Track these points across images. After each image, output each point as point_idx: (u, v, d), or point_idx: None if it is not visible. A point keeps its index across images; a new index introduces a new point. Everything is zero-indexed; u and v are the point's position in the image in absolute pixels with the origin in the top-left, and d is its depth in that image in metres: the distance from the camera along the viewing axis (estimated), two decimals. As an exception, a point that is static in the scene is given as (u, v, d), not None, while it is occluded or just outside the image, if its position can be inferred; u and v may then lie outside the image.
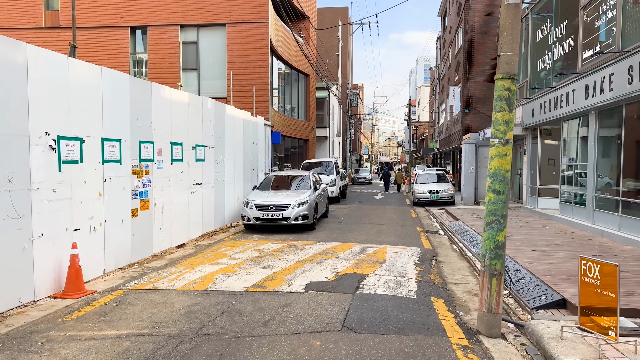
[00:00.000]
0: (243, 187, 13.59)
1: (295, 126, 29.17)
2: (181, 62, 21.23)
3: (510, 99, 4.53)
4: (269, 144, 17.28)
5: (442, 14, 33.97)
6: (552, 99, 13.01)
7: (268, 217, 11.30)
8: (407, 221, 14.36)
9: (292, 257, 8.23)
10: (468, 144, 20.10)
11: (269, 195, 11.95)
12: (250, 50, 20.62)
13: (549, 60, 14.01)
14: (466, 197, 20.06)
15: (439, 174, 21.83)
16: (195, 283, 6.64)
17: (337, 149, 46.23)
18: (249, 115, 14.13)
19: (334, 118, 42.50)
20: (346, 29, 47.74)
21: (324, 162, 22.00)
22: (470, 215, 14.14)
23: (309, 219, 11.68)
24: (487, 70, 22.46)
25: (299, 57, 28.31)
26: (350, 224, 13.28)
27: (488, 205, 4.66)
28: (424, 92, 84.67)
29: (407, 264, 7.86)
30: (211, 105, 11.26)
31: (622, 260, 7.37)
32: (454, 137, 25.74)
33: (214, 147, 11.44)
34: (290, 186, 13.10)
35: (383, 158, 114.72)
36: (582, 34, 11.56)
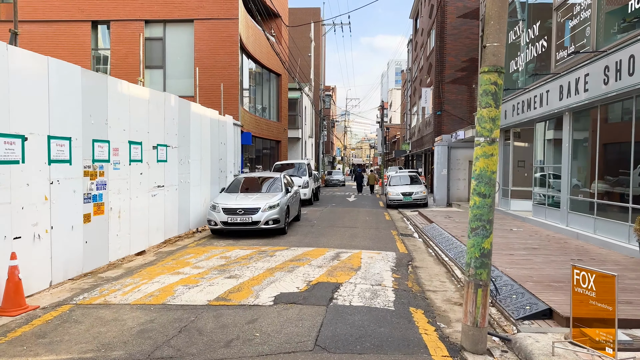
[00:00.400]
0: (210, 190, 12.93)
1: (267, 127, 28.54)
2: (146, 59, 20.28)
3: (497, 94, 4.16)
4: (239, 144, 16.64)
5: (413, 16, 34.05)
6: (525, 101, 12.93)
7: (236, 221, 10.70)
8: (381, 224, 14.01)
9: (261, 265, 7.68)
10: (440, 146, 20.00)
11: (237, 198, 11.35)
12: (219, 48, 19.92)
13: (522, 62, 13.96)
14: (439, 199, 19.94)
15: (411, 175, 21.67)
16: (152, 296, 6.02)
17: (310, 151, 45.78)
18: (217, 114, 13.49)
19: (306, 119, 42.04)
20: (319, 30, 47.41)
21: (296, 163, 21.51)
22: (444, 218, 13.91)
23: (280, 223, 11.15)
24: (458, 73, 22.48)
25: (271, 56, 27.72)
26: (324, 228, 12.82)
27: (473, 210, 4.27)
28: (396, 94, 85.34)
29: (383, 270, 7.44)
30: (175, 102, 10.59)
31: (601, 265, 7.18)
32: (426, 139, 25.70)
33: (178, 147, 10.77)
34: (260, 188, 12.53)
35: (356, 160, 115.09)
36: (555, 35, 11.49)
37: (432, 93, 23.33)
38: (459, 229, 11.42)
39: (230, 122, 14.76)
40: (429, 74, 24.89)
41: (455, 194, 20.17)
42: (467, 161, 20.07)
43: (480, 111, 4.23)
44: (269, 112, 30.19)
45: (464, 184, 20.16)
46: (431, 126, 23.79)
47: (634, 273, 6.56)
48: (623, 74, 7.98)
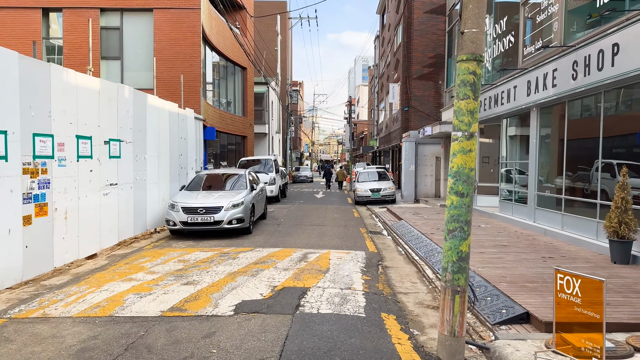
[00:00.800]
0: (169, 188, 12.23)
1: (232, 122, 27.76)
2: (102, 50, 19.18)
3: (475, 85, 3.83)
4: (201, 139, 15.94)
5: (380, 11, 33.94)
6: (492, 96, 12.87)
7: (197, 221, 10.10)
8: (349, 221, 13.70)
9: (222, 269, 7.16)
10: (408, 142, 19.90)
11: (198, 197, 10.73)
12: (180, 39, 19.05)
13: (489, 57, 13.92)
14: (407, 195, 19.85)
15: (380, 172, 21.50)
16: (99, 307, 5.42)
17: (277, 147, 45.12)
18: (176, 107, 12.78)
19: (273, 114, 41.34)
20: (285, 24, 46.70)
21: (262, 159, 20.94)
22: (412, 214, 13.74)
23: (245, 222, 10.62)
24: (425, 69, 22.45)
25: (236, 48, 26.94)
26: (291, 226, 12.38)
27: (450, 210, 3.93)
28: (363, 90, 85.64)
29: (352, 272, 7.08)
30: (129, 93, 9.86)
31: (572, 262, 7.07)
32: (394, 135, 25.64)
33: (133, 142, 10.05)
34: (223, 186, 11.95)
35: (323, 156, 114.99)
36: (523, 30, 11.43)
37: (399, 89, 23.23)
38: (428, 226, 11.24)
39: (191, 116, 14.06)
40: (396, 70, 24.79)
41: (423, 190, 20.14)
42: (434, 157, 20.07)
43: (458, 103, 3.89)
44: (234, 107, 29.38)
45: (431, 180, 20.15)
46: (399, 122, 23.71)
47: (605, 271, 6.46)
48: (592, 69, 7.90)
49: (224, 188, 11.76)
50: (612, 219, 6.81)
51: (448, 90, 18.19)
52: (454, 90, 17.93)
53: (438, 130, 15.92)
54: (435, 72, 22.28)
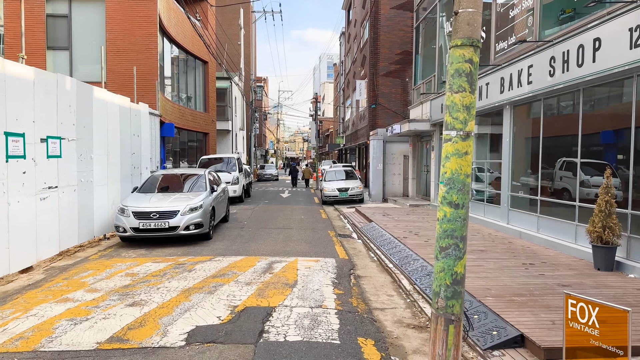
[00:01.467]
0: (121, 189, 11.17)
1: (193, 118, 26.53)
2: (48, 39, 17.67)
3: (472, 75, 3.22)
4: (157, 136, 14.85)
5: (346, 6, 33.42)
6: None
7: (150, 227, 9.16)
8: (317, 223, 13.04)
9: (175, 285, 6.33)
10: (376, 140, 19.45)
11: (152, 200, 9.77)
12: (135, 29, 17.79)
13: (459, 54, 13.56)
14: (375, 194, 19.41)
15: (347, 171, 20.97)
16: (22, 338, 4.51)
17: (241, 144, 43.92)
18: (128, 101, 11.70)
19: (237, 111, 40.14)
20: (249, 18, 45.47)
21: (225, 157, 19.97)
22: (382, 216, 13.23)
23: (204, 228, 9.76)
24: (392, 65, 22.07)
25: (196, 41, 25.73)
26: (255, 230, 11.59)
27: (442, 224, 3.33)
28: (328, 88, 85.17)
29: (322, 284, 6.42)
30: (71, 85, 8.79)
31: (554, 270, 6.68)
32: (361, 132, 25.19)
33: (77, 140, 8.99)
34: (181, 187, 11.01)
35: (289, 153, 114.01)
36: (495, 25, 11.09)
37: (366, 85, 22.76)
38: (400, 228, 10.73)
39: (145, 111, 12.98)
40: (363, 67, 24.31)
41: (391, 189, 19.75)
42: (402, 156, 19.71)
43: (451, 97, 3.28)
44: (195, 102, 28.13)
45: (399, 179, 19.79)
46: (366, 120, 23.26)
47: (592, 279, 6.09)
48: (571, 65, 7.55)
49: (181, 189, 10.84)
50: (596, 224, 6.45)
51: (416, 87, 17.83)
52: (422, 87, 17.64)
53: (407, 128, 15.50)
54: (403, 69, 21.95)
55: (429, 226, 11.02)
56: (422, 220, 12.06)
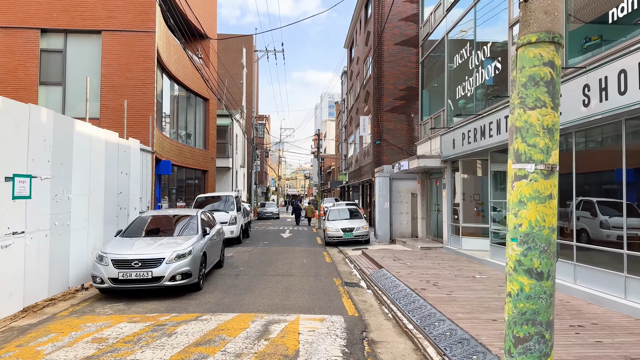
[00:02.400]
0: (104, 233, 10.08)
1: (192, 155, 25.75)
2: (41, 74, 17.07)
3: (554, 84, 2.25)
4: (149, 174, 13.86)
5: (348, 45, 33.37)
6: (478, 128, 11.62)
7: (130, 277, 8.00)
8: (321, 269, 11.84)
9: (149, 356, 5.14)
10: (382, 177, 18.47)
11: (135, 245, 8.65)
12: (132, 64, 17.22)
13: (470, 87, 12.80)
14: (381, 235, 18.24)
15: (351, 209, 19.89)
16: None
17: (242, 181, 43.08)
18: (116, 136, 10.80)
19: (237, 148, 39.54)
20: (251, 57, 45.73)
21: (223, 196, 18.96)
22: (392, 260, 12.04)
23: (192, 277, 8.59)
24: (397, 101, 21.43)
25: (197, 79, 25.31)
26: (251, 278, 10.40)
27: (517, 302, 2.25)
28: (330, 125, 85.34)
29: (331, 356, 5.22)
30: (47, 117, 7.88)
31: (611, 335, 5.49)
32: (365, 169, 24.29)
33: (52, 178, 8.00)
34: (170, 230, 9.93)
35: (290, 191, 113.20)
36: (511, 55, 10.32)
37: (370, 121, 22.03)
38: (415, 276, 9.54)
39: (135, 147, 12.06)
40: (367, 102, 23.71)
41: (399, 230, 18.60)
42: (409, 194, 18.67)
43: (524, 115, 2.28)
44: (194, 139, 27.44)
45: (407, 218, 18.67)
46: (370, 156, 22.40)
47: (667, 350, 4.90)
48: (611, 93, 6.64)
49: (170, 233, 9.74)
50: (662, 278, 5.32)
51: (423, 123, 17.04)
52: (430, 123, 16.82)
53: (416, 165, 14.55)
54: (408, 105, 21.28)
55: (447, 274, 9.83)
56: (439, 267, 10.87)
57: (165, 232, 9.77)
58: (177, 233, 9.69)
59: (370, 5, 23.04)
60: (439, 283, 8.83)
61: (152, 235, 9.51)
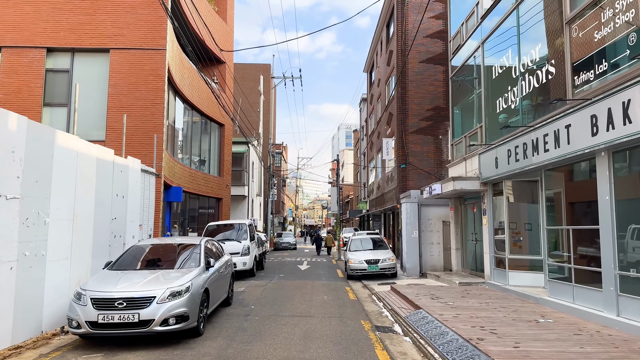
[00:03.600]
0: (92, 265, 8.61)
1: (205, 182, 24.52)
2: (46, 95, 16.18)
3: None
4: (152, 198, 12.48)
5: (368, 69, 32.35)
6: (528, 143, 9.97)
7: (113, 321, 6.44)
8: (345, 308, 10.10)
9: None
10: (409, 203, 16.77)
11: (121, 281, 7.12)
12: (141, 83, 16.22)
13: (515, 97, 11.24)
14: (410, 267, 16.38)
15: (375, 239, 18.14)
16: None
17: (258, 210, 41.71)
18: (111, 154, 9.49)
19: (254, 176, 38.38)
20: (268, 84, 45.22)
21: (236, 224, 17.45)
22: (430, 299, 10.22)
23: (190, 321, 6.97)
24: (423, 122, 19.94)
25: (212, 103, 24.39)
26: (264, 319, 8.72)
27: None
28: (347, 154, 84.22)
29: None
30: (17, 124, 6.57)
31: None
32: (388, 196, 22.61)
33: (23, 198, 6.62)
34: (169, 262, 8.40)
35: (307, 221, 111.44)
36: (569, 54, 8.77)
37: (394, 144, 20.51)
38: (463, 321, 7.75)
39: (135, 168, 10.74)
40: (389, 125, 22.28)
41: (429, 262, 16.72)
42: (440, 221, 16.88)
43: None
44: (208, 166, 26.29)
45: (439, 249, 16.81)
46: (394, 181, 20.77)
47: None
48: None
49: (169, 265, 8.20)
50: None
51: (455, 143, 15.44)
52: (464, 142, 15.23)
53: (451, 187, 12.87)
54: (435, 126, 19.76)
55: (502, 318, 8.00)
56: (488, 308, 9.03)
57: (162, 264, 8.23)
58: (177, 265, 8.14)
59: (393, 23, 21.96)
60: (498, 330, 7.02)
61: (147, 268, 7.99)
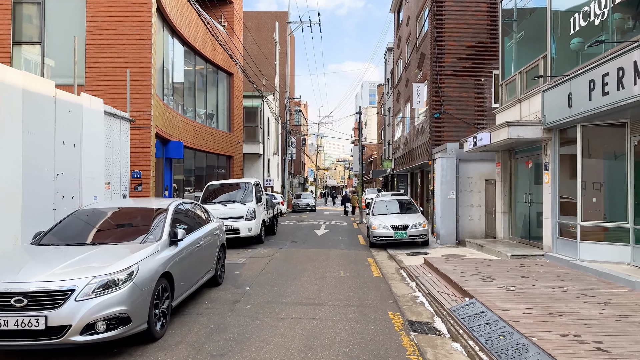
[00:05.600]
0: (21, 236, 6.35)
1: (213, 138, 22.17)
2: (15, 32, 13.79)
3: None
4: (127, 151, 10.06)
5: (395, 8, 28.72)
6: (627, 67, 7.02)
7: (7, 327, 4.13)
8: (367, 291, 7.70)
9: None
10: (446, 158, 14.02)
11: (30, 263, 4.81)
12: (124, 14, 13.59)
13: (601, 8, 8.17)
14: (444, 234, 13.82)
15: (402, 201, 15.57)
16: None
17: (275, 170, 39.47)
18: (52, 87, 7.04)
19: (270, 133, 35.84)
20: (285, 34, 41.81)
21: (242, 183, 15.05)
22: (481, 280, 7.69)
23: (133, 323, 4.61)
24: (462, 62, 16.81)
25: (219, 50, 21.61)
26: (254, 311, 6.40)
27: None
28: (371, 112, 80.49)
29: None
30: None
31: None
32: (418, 152, 19.81)
33: None
34: (120, 235, 6.06)
35: (330, 182, 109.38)
36: None
37: (427, 90, 17.51)
38: (542, 320, 5.23)
39: (95, 109, 8.30)
40: (420, 67, 19.16)
41: (467, 227, 14.12)
42: (482, 180, 14.14)
43: None
44: (216, 120, 23.85)
45: (479, 212, 14.15)
46: (425, 134, 17.92)
47: None
48: None
49: (120, 238, 5.87)
50: None
51: (506, 82, 12.45)
52: (519, 79, 12.16)
53: (505, 136, 10.04)
54: (476, 67, 16.62)
55: (599, 316, 5.44)
56: (568, 297, 6.46)
57: (109, 238, 5.90)
58: (131, 239, 5.80)
59: (426, -55, 18.40)
60: (605, 342, 4.48)
61: (86, 243, 5.67)
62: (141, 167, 13.38)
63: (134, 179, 13.26)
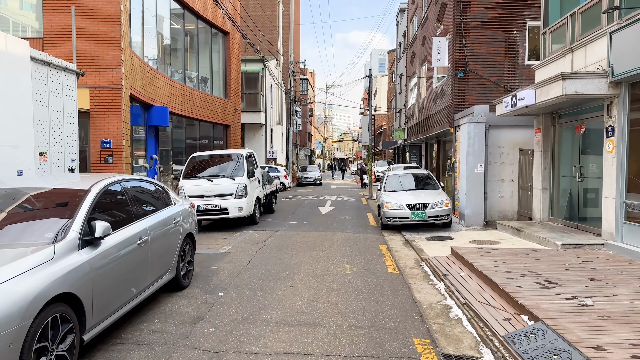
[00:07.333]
0: None
1: (206, 104, 20.03)
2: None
3: None
4: (74, 112, 7.90)
5: (409, -40, 25.77)
6: None
7: None
8: (380, 297, 5.70)
9: None
10: (473, 124, 11.80)
11: None
12: (85, -50, 11.28)
13: None
14: (470, 214, 11.74)
15: (419, 175, 13.45)
16: None
17: (279, 141, 37.29)
18: None
19: (272, 101, 33.48)
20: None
21: (233, 154, 12.93)
22: (538, 285, 5.65)
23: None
24: (490, 12, 14.30)
25: (211, 4, 19.22)
26: (224, 332, 4.45)
27: None
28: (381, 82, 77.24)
29: None
30: None
31: None
32: (436, 118, 17.51)
33: None
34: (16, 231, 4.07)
35: (338, 154, 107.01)
36: None
37: (448, 44, 15.08)
38: None
39: (17, 53, 6.15)
40: (440, 21, 16.64)
41: (496, 206, 12.03)
42: (515, 150, 11.95)
43: None
44: (210, 85, 21.63)
45: (512, 188, 12.02)
46: (446, 98, 15.59)
47: None
48: None
49: (7, 237, 3.88)
50: None
51: (551, 29, 10.07)
52: (569, 23, 9.59)
53: (558, 92, 7.79)
54: (508, 17, 14.12)
55: None
56: None
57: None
58: (16, 239, 3.79)
59: None
60: None
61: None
62: (111, 135, 11.36)
63: (104, 149, 11.28)
